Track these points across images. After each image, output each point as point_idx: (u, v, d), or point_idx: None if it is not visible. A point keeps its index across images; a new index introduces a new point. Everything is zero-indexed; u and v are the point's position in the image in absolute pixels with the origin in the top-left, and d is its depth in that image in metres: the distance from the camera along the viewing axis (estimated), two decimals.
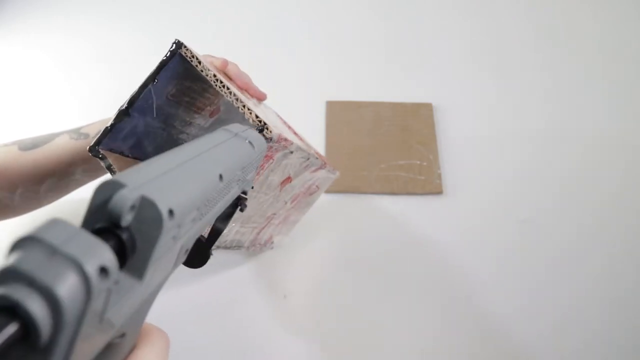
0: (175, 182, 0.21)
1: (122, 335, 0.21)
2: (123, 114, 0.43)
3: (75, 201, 0.59)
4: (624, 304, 0.62)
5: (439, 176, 0.72)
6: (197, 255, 0.35)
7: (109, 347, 0.21)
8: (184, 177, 0.22)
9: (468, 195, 0.71)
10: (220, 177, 0.26)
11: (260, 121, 0.39)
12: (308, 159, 0.50)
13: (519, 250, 0.66)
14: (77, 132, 0.54)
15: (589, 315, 0.61)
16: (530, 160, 0.74)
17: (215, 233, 0.36)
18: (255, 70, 0.54)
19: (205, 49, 0.49)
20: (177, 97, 0.47)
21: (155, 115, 0.46)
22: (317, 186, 0.60)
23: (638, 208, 0.69)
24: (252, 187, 0.36)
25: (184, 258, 0.25)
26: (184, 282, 0.64)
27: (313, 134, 0.76)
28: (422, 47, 0.87)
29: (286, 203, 0.56)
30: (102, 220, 0.18)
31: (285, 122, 0.55)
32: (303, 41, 0.89)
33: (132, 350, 0.24)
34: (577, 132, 0.76)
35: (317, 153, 0.56)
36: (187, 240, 0.24)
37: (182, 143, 0.52)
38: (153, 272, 0.20)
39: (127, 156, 0.47)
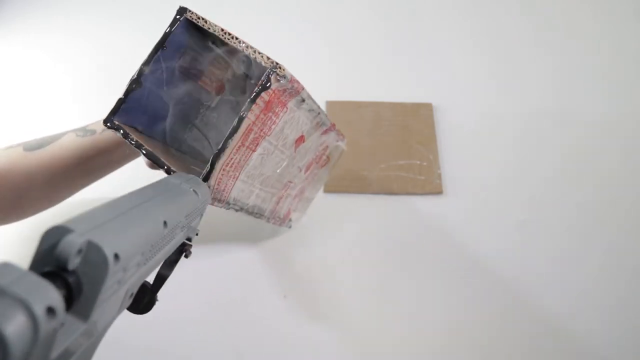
0: (121, 228, 0.22)
1: None
2: (134, 83, 0.44)
3: (74, 204, 0.59)
4: (624, 304, 0.62)
5: (439, 176, 0.72)
6: (143, 301, 0.36)
7: None
8: (130, 223, 0.23)
9: (468, 195, 0.71)
10: (165, 223, 0.27)
11: (272, 62, 0.42)
12: (319, 114, 0.52)
13: (519, 250, 0.66)
14: (83, 130, 0.54)
15: (588, 314, 0.61)
16: (531, 160, 0.74)
17: (160, 279, 0.38)
18: None
19: None
20: (185, 72, 0.48)
21: (165, 87, 0.47)
22: (327, 156, 0.60)
23: (638, 208, 0.69)
24: (197, 234, 0.37)
25: (129, 302, 0.26)
26: (183, 282, 0.64)
27: None
28: (422, 47, 0.87)
29: (301, 170, 0.56)
30: (49, 264, 0.19)
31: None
32: (303, 41, 0.89)
33: None
34: (578, 133, 0.76)
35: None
36: (131, 284, 0.25)
37: (190, 127, 0.52)
38: (99, 315, 0.21)
39: (141, 132, 0.47)
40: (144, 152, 0.42)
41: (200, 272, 0.65)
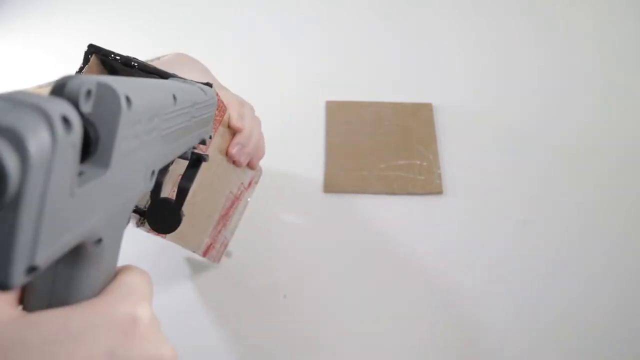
0: (129, 81, 0.22)
1: (99, 241, 0.21)
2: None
3: None
4: (623, 303, 0.62)
5: (439, 176, 0.72)
6: (169, 217, 0.36)
7: (84, 256, 0.21)
8: (137, 81, 0.23)
9: (468, 195, 0.71)
10: (174, 97, 0.26)
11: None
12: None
13: (519, 250, 0.66)
14: None
15: (587, 314, 0.61)
16: (531, 160, 0.74)
17: (182, 192, 0.37)
18: (255, 70, 0.55)
19: (205, 49, 0.49)
20: None
21: None
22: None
23: (637, 208, 0.69)
24: (211, 137, 0.36)
25: (152, 182, 0.25)
26: (183, 281, 0.64)
27: (313, 134, 0.77)
28: (422, 47, 0.87)
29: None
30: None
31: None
32: (303, 41, 0.89)
33: (113, 276, 0.24)
34: (578, 133, 0.76)
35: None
36: (153, 158, 0.24)
37: None
38: (121, 168, 0.20)
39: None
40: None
41: (200, 272, 0.65)
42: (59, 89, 0.18)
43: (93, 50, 0.42)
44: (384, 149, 0.75)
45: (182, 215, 0.36)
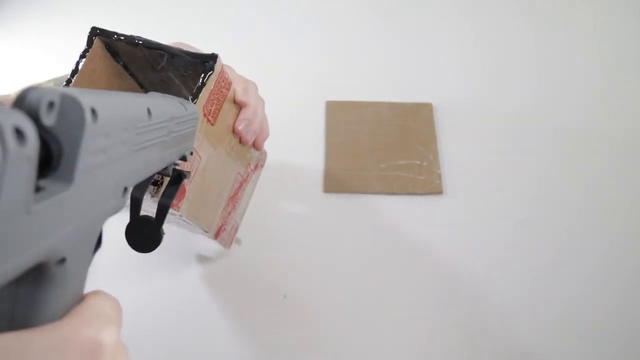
0: (98, 93, 0.21)
1: (62, 260, 0.20)
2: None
3: None
4: (623, 303, 0.62)
5: (439, 176, 0.72)
6: (148, 236, 0.35)
7: (47, 276, 0.20)
8: (107, 93, 0.22)
9: (468, 195, 0.71)
10: (149, 111, 0.25)
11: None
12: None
13: (519, 249, 0.66)
14: None
15: (587, 313, 0.61)
16: (530, 160, 0.74)
17: (163, 210, 0.36)
18: (255, 70, 0.54)
19: (205, 49, 0.49)
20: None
21: None
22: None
23: (637, 208, 0.69)
24: (192, 153, 0.35)
25: (124, 200, 0.24)
26: (183, 281, 0.64)
27: (313, 134, 0.77)
28: (422, 47, 0.87)
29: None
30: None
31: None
32: (303, 41, 0.89)
33: (79, 299, 0.23)
34: (578, 133, 0.76)
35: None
36: (123, 174, 0.23)
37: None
38: (86, 184, 0.19)
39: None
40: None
41: (200, 272, 0.65)
42: (20, 100, 0.17)
43: (96, 33, 0.41)
44: (384, 149, 0.75)
45: (163, 234, 0.35)
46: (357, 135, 0.76)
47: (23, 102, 0.17)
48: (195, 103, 0.38)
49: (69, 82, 0.41)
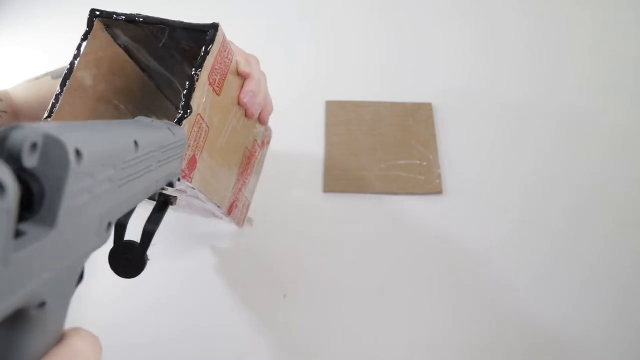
0: (85, 128, 0.20)
1: (42, 305, 0.19)
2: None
3: None
4: (622, 303, 0.62)
5: (439, 176, 0.72)
6: (132, 262, 0.34)
7: (26, 320, 0.19)
8: (95, 128, 0.21)
9: (468, 195, 0.71)
10: (136, 144, 0.25)
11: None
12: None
13: (519, 250, 0.66)
14: None
15: (587, 313, 0.61)
16: (530, 160, 0.74)
17: (148, 235, 0.35)
18: None
19: None
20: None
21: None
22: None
23: (637, 208, 0.69)
24: (179, 179, 0.34)
25: (108, 235, 0.24)
26: (182, 281, 0.64)
27: (313, 134, 0.77)
28: (422, 47, 0.87)
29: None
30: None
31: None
32: (303, 41, 0.89)
33: (58, 339, 0.22)
34: (578, 133, 0.76)
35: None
36: (108, 210, 0.23)
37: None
38: (69, 227, 0.19)
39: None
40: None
41: (199, 273, 0.65)
42: (2, 141, 0.16)
43: (96, 15, 0.41)
44: (384, 149, 0.75)
45: (147, 260, 0.35)
46: (357, 135, 0.76)
47: (4, 143, 0.16)
48: (200, 73, 0.38)
49: (72, 65, 0.41)
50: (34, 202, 0.17)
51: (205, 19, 0.46)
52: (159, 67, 0.49)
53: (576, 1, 0.93)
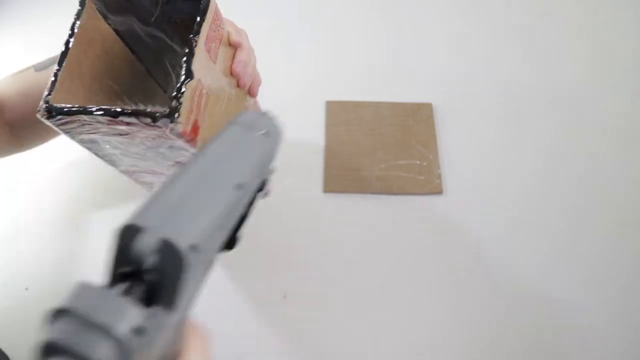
0: (193, 211, 0.22)
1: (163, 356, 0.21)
2: None
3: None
4: (623, 303, 0.62)
5: (439, 176, 0.72)
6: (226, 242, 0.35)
7: None
8: (201, 202, 0.23)
9: (468, 195, 0.71)
10: (239, 186, 0.26)
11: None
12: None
13: (519, 250, 0.66)
14: None
15: (587, 313, 0.61)
16: (531, 160, 0.74)
17: (241, 220, 0.35)
18: None
19: None
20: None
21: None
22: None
23: (637, 208, 0.69)
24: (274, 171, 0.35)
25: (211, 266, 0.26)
26: None
27: (313, 134, 0.77)
28: (422, 47, 0.87)
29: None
30: (126, 265, 0.19)
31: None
32: (303, 41, 0.89)
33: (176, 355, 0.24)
34: (578, 133, 0.76)
35: None
36: (213, 252, 0.25)
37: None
38: (185, 304, 0.21)
39: None
40: None
41: None
42: (123, 251, 0.19)
43: None
44: (384, 149, 0.75)
45: (240, 238, 0.36)
46: (357, 135, 0.76)
47: (128, 254, 0.19)
48: (197, 39, 0.38)
49: (67, 43, 0.41)
50: (154, 291, 0.20)
51: None
52: (150, 43, 0.49)
53: (576, 2, 0.93)
